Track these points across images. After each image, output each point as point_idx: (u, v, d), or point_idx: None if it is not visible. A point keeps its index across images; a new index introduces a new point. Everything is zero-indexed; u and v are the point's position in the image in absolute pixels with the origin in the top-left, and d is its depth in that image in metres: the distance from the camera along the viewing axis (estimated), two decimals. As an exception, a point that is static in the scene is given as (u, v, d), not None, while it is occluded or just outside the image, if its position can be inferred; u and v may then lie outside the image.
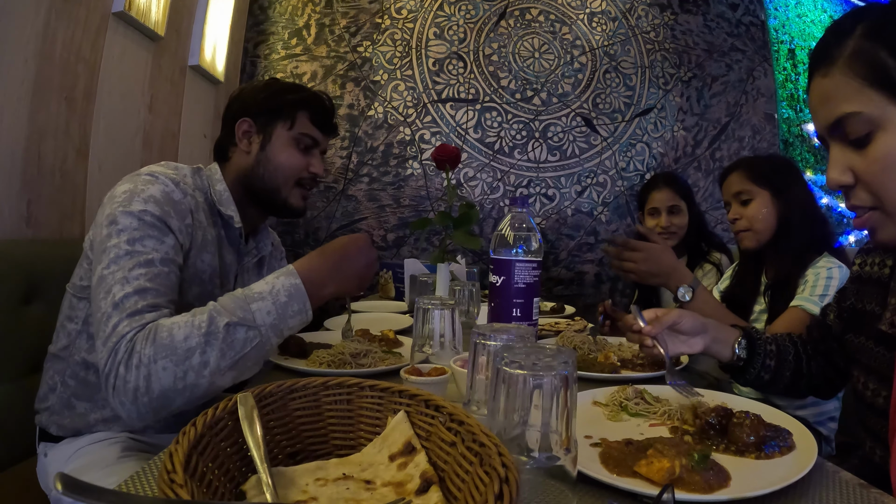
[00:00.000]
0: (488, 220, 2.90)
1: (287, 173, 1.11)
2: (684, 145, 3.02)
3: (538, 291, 0.97)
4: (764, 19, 3.13)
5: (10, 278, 1.15)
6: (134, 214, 0.88)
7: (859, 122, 0.66)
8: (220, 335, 0.77)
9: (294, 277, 0.84)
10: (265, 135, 1.11)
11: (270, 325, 0.81)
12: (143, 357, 0.76)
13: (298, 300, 0.83)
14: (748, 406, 0.81)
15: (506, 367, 0.50)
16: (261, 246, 1.20)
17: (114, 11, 1.75)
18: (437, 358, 0.91)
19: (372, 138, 2.88)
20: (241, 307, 0.80)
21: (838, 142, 0.70)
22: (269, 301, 0.81)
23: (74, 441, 1.01)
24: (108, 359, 0.77)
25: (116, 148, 1.84)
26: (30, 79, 1.44)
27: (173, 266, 0.90)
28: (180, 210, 0.94)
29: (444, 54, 2.93)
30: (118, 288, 0.82)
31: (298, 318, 0.84)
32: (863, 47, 0.65)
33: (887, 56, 0.64)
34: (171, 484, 0.38)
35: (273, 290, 0.83)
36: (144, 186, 0.92)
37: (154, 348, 0.76)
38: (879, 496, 0.59)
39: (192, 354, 0.76)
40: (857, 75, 0.65)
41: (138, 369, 0.76)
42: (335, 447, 0.56)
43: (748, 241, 1.42)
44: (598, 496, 0.58)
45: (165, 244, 0.89)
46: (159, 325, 0.79)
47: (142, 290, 0.82)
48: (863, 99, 0.65)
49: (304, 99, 1.12)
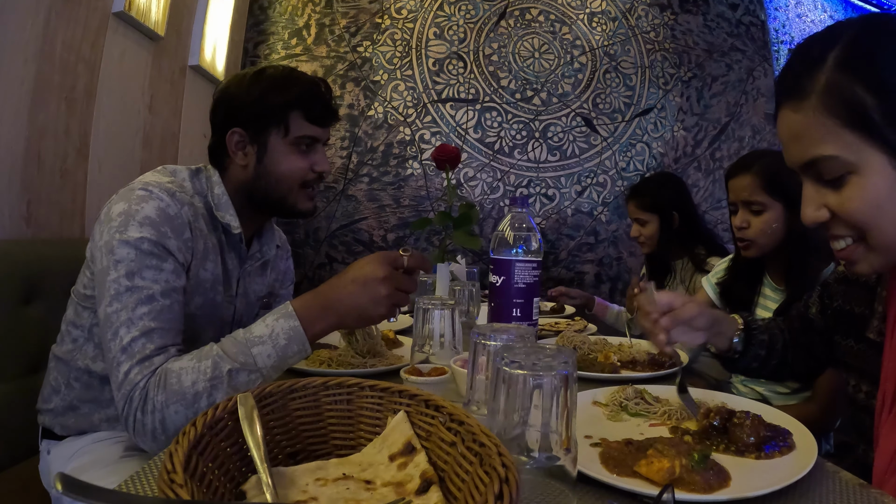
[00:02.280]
0: (488, 220, 2.90)
1: (291, 182, 1.04)
2: (684, 145, 3.02)
3: (538, 291, 0.97)
4: (764, 19, 3.13)
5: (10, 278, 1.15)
6: (131, 244, 0.87)
7: (834, 164, 0.63)
8: (224, 380, 0.81)
9: (293, 320, 0.84)
10: (259, 145, 1.03)
11: (271, 366, 0.83)
12: (156, 403, 0.80)
13: (297, 342, 0.84)
14: (748, 406, 0.81)
15: (506, 367, 0.50)
16: (265, 249, 1.15)
17: (114, 11, 1.75)
18: (437, 358, 0.91)
19: (372, 138, 2.88)
20: (242, 352, 0.82)
21: (811, 180, 0.67)
22: (270, 345, 0.83)
23: (77, 440, 1.01)
24: (125, 406, 0.81)
25: (116, 148, 1.84)
26: (30, 79, 1.44)
27: (175, 295, 0.89)
28: (177, 226, 0.92)
29: (444, 54, 2.93)
30: (124, 331, 0.83)
31: (298, 356, 0.86)
32: (837, 82, 0.62)
33: (864, 92, 0.60)
34: (171, 484, 0.38)
35: (273, 333, 0.84)
36: (139, 206, 0.89)
37: (165, 395, 0.80)
38: (879, 496, 0.59)
39: (199, 399, 0.80)
40: (831, 115, 0.62)
41: (153, 414, 0.80)
42: (335, 447, 0.56)
43: (751, 251, 1.36)
44: (598, 496, 0.58)
45: (165, 272, 0.88)
46: (168, 370, 0.82)
47: (148, 332, 0.84)
48: (838, 142, 0.62)
49: (295, 98, 1.02)
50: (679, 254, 1.94)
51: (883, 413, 0.74)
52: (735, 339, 0.94)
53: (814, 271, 1.29)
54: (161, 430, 0.80)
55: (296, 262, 2.80)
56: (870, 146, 0.62)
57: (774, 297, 1.40)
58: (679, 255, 1.94)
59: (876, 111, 0.60)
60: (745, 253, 1.40)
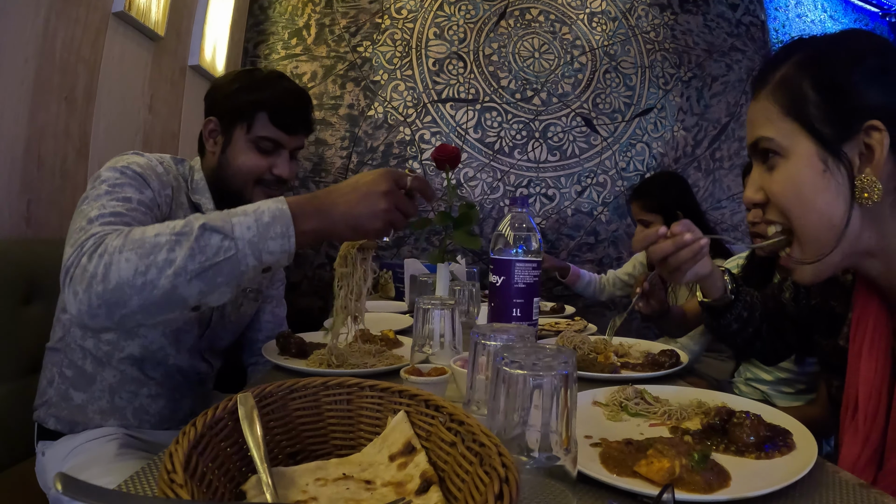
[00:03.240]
0: (488, 220, 2.90)
1: (245, 177, 1.07)
2: (684, 145, 3.02)
3: (538, 291, 0.97)
4: (764, 19, 3.13)
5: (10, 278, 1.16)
6: (117, 169, 0.93)
7: (770, 146, 0.71)
8: (192, 235, 0.72)
9: (282, 203, 0.77)
10: (226, 136, 1.08)
11: (248, 240, 0.74)
12: (108, 247, 0.73)
13: (282, 223, 0.75)
14: (748, 406, 0.81)
15: (506, 367, 0.50)
16: None
17: (114, 11, 1.75)
18: (437, 358, 0.91)
19: (372, 138, 2.88)
20: (221, 218, 0.76)
21: (758, 162, 0.75)
22: (252, 218, 0.75)
23: (72, 439, 1.02)
24: (73, 252, 0.75)
25: (116, 148, 1.84)
26: (30, 79, 1.44)
27: (150, 212, 0.92)
28: (162, 180, 0.99)
29: (444, 54, 2.93)
30: (95, 211, 0.82)
31: (279, 243, 0.75)
32: (790, 76, 0.70)
33: (809, 88, 0.68)
34: (171, 484, 0.38)
35: (258, 209, 0.76)
36: (130, 156, 0.98)
37: (123, 241, 0.73)
38: (879, 496, 0.59)
39: (158, 250, 0.71)
40: (776, 102, 0.70)
41: (101, 258, 0.72)
42: (335, 447, 0.56)
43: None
44: (598, 496, 0.58)
45: (144, 195, 0.93)
46: (135, 227, 0.77)
47: (117, 213, 0.84)
48: (776, 126, 0.70)
49: (264, 100, 1.06)
50: None
51: (846, 419, 0.75)
52: (728, 281, 0.97)
53: None
54: (101, 278, 0.71)
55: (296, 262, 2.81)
56: (802, 135, 0.68)
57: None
58: None
59: (815, 106, 0.68)
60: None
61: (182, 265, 0.71)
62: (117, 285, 0.71)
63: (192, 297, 0.73)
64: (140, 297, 0.71)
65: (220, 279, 0.73)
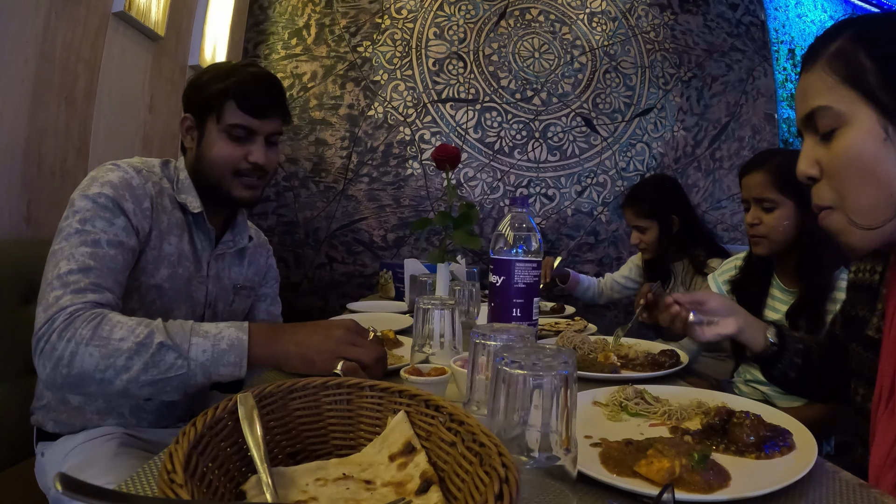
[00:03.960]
0: (488, 220, 2.90)
1: (221, 168, 1.07)
2: (684, 145, 3.02)
3: (538, 291, 0.97)
4: (764, 19, 3.13)
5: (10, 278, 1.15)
6: (89, 197, 0.93)
7: (828, 116, 0.70)
8: (150, 350, 0.79)
9: (242, 333, 0.83)
10: (200, 131, 1.08)
11: (201, 363, 0.81)
12: (77, 334, 0.79)
13: (237, 353, 0.82)
14: (748, 406, 0.81)
15: (506, 367, 0.50)
16: (237, 239, 1.19)
17: (114, 11, 1.75)
18: (437, 358, 0.91)
19: (372, 138, 2.88)
20: (181, 335, 0.81)
21: (811, 134, 0.73)
22: (210, 342, 0.81)
23: (71, 439, 1.02)
24: (45, 325, 0.80)
25: (116, 148, 1.84)
26: (30, 79, 1.44)
27: (121, 248, 0.93)
28: (137, 195, 0.98)
29: (444, 54, 2.93)
30: (64, 263, 0.86)
31: (230, 370, 0.82)
32: (845, 48, 0.69)
33: (865, 58, 0.68)
34: (171, 484, 0.38)
35: (218, 334, 0.82)
36: (105, 173, 0.97)
37: (92, 333, 0.79)
38: (879, 496, 0.59)
39: (119, 355, 0.78)
40: (833, 72, 0.69)
41: (69, 343, 0.78)
42: (335, 447, 0.56)
43: (762, 248, 1.37)
44: (598, 496, 0.58)
45: (115, 226, 0.93)
46: (108, 317, 0.82)
47: (85, 269, 0.86)
48: (835, 95, 0.69)
49: (229, 87, 1.05)
50: (678, 256, 1.94)
51: (879, 408, 0.75)
52: (769, 335, 0.95)
53: (826, 272, 1.29)
54: (66, 363, 0.78)
55: (296, 262, 2.83)
56: (862, 102, 0.68)
57: (784, 298, 1.39)
58: (678, 257, 1.94)
59: (873, 75, 0.67)
60: (755, 250, 1.40)
61: (135, 375, 0.79)
62: (79, 374, 0.79)
63: (143, 397, 0.83)
64: (98, 388, 0.80)
65: (168, 389, 0.81)
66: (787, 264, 1.38)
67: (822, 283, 1.29)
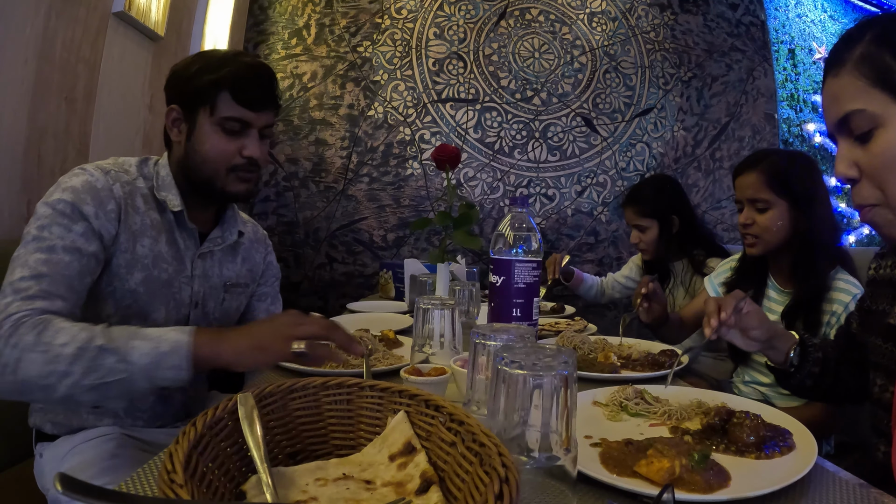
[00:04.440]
0: (488, 220, 2.90)
1: (215, 163, 1.03)
2: (684, 145, 3.02)
3: (538, 291, 0.97)
4: (764, 19, 3.13)
5: (10, 278, 1.15)
6: (49, 204, 0.92)
7: (863, 118, 0.70)
8: (90, 353, 0.77)
9: (186, 335, 0.81)
10: (189, 123, 1.03)
11: (142, 366, 0.78)
12: (22, 341, 0.78)
13: (178, 356, 0.79)
14: (748, 406, 0.81)
15: (506, 367, 0.50)
16: (226, 235, 1.14)
17: (114, 11, 1.75)
18: (437, 358, 0.91)
19: (372, 138, 2.88)
20: (123, 338, 0.80)
21: (845, 138, 0.74)
22: (151, 345, 0.79)
23: (69, 439, 1.01)
24: None
25: (116, 148, 1.84)
26: (30, 79, 1.44)
27: (78, 255, 0.91)
28: (101, 197, 0.95)
29: (444, 54, 2.93)
30: (18, 270, 0.85)
31: (173, 373, 0.80)
32: (870, 51, 0.70)
33: (892, 60, 0.68)
34: (171, 484, 0.38)
35: (160, 337, 0.80)
36: (69, 179, 0.95)
37: (35, 339, 0.78)
38: (879, 496, 0.59)
39: (60, 361, 0.77)
40: (863, 76, 0.70)
41: (13, 350, 0.77)
42: (335, 447, 0.56)
43: (756, 248, 1.36)
44: (598, 496, 0.58)
45: (73, 232, 0.91)
46: (52, 321, 0.80)
47: (38, 276, 0.85)
48: (867, 97, 0.70)
49: (224, 77, 1.00)
50: (678, 256, 1.94)
51: None
52: (791, 354, 0.99)
53: (820, 272, 1.29)
54: (11, 370, 0.77)
55: (296, 262, 2.82)
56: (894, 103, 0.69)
57: (779, 299, 1.40)
58: (678, 257, 1.94)
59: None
60: (749, 251, 1.40)
61: (77, 380, 0.77)
62: (24, 381, 0.78)
63: (88, 403, 0.82)
64: (43, 394, 0.79)
65: (111, 394, 0.79)
66: (782, 265, 1.38)
67: (816, 283, 1.29)
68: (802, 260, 1.31)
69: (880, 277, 0.93)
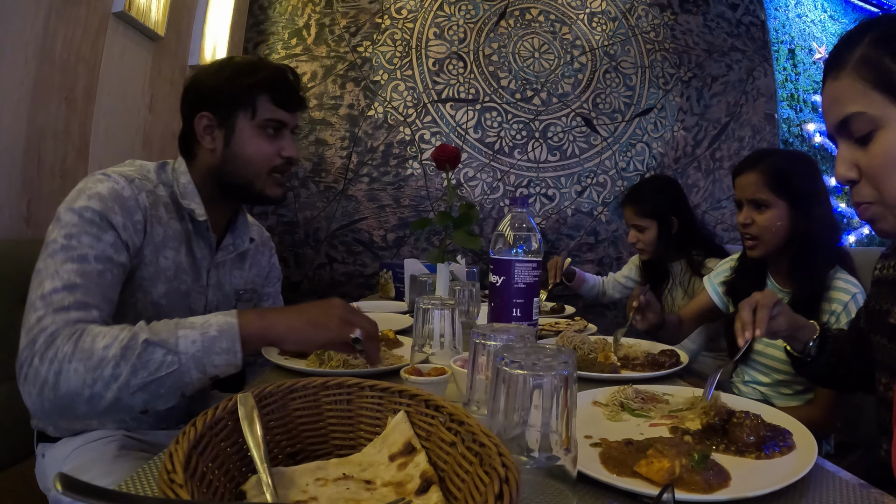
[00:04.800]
0: (488, 220, 2.90)
1: (258, 165, 1.04)
2: (684, 145, 3.02)
3: (538, 291, 0.97)
4: (764, 19, 3.13)
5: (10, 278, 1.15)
6: (75, 211, 0.88)
7: (863, 121, 0.71)
8: (136, 351, 0.74)
9: (231, 317, 0.80)
10: (227, 128, 1.03)
11: (192, 354, 0.76)
12: (59, 353, 0.75)
13: (228, 339, 0.78)
14: (748, 406, 0.81)
15: (506, 367, 0.50)
16: (237, 242, 1.14)
17: (114, 11, 1.75)
18: (437, 358, 0.91)
19: (372, 138, 2.88)
20: (167, 330, 0.77)
21: (845, 140, 0.74)
22: (198, 331, 0.77)
23: (71, 440, 1.01)
24: (26, 348, 0.77)
25: (116, 148, 1.84)
26: (30, 79, 1.44)
27: (110, 264, 0.88)
28: (127, 207, 0.92)
29: (444, 54, 2.93)
30: (48, 282, 0.81)
31: (224, 358, 0.78)
32: (870, 54, 0.70)
33: (891, 62, 0.69)
34: (171, 484, 0.38)
35: (206, 322, 0.79)
36: (93, 185, 0.92)
37: (73, 349, 0.75)
38: (879, 496, 0.59)
39: (105, 364, 0.74)
40: (862, 79, 0.70)
41: (52, 364, 0.74)
42: (335, 447, 0.56)
43: (756, 249, 1.36)
44: (598, 496, 0.58)
45: (103, 241, 0.88)
46: (88, 328, 0.78)
47: (70, 286, 0.81)
48: (867, 100, 0.70)
49: (262, 81, 1.02)
50: (677, 257, 1.94)
51: None
52: (811, 344, 1.02)
53: (819, 272, 1.29)
54: (52, 385, 0.74)
55: (296, 262, 2.82)
56: (894, 105, 0.69)
57: None
58: (677, 258, 1.94)
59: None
60: (749, 253, 1.39)
61: (126, 381, 0.74)
62: (66, 394, 0.74)
63: (138, 406, 0.77)
64: (88, 405, 0.75)
65: (163, 391, 0.77)
66: (781, 264, 1.38)
67: (815, 282, 1.29)
68: (802, 260, 1.31)
69: (885, 277, 0.94)
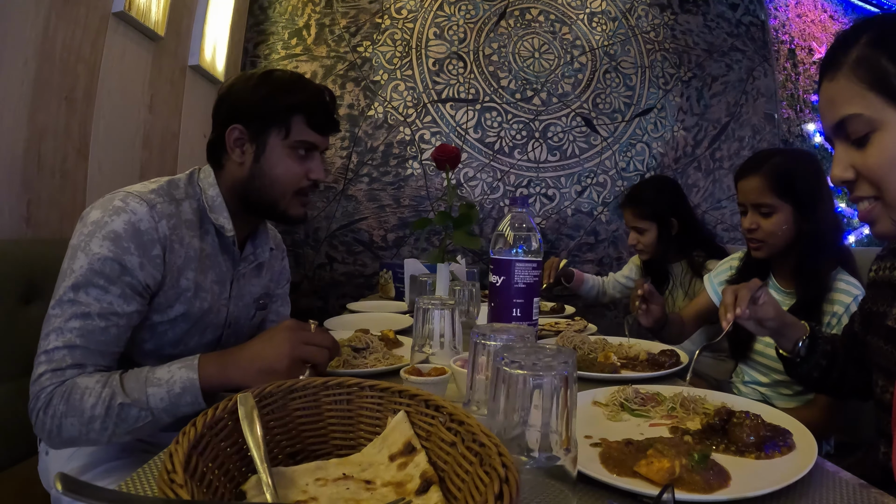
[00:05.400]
0: (488, 220, 2.90)
1: (285, 186, 1.03)
2: (684, 145, 3.02)
3: (538, 291, 0.97)
4: (764, 19, 3.13)
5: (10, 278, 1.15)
6: (88, 255, 0.88)
7: (860, 122, 0.70)
8: (115, 412, 0.84)
9: (193, 372, 0.85)
10: (258, 144, 1.02)
11: (163, 409, 0.85)
12: (56, 411, 0.84)
13: (191, 394, 0.85)
14: (748, 406, 0.81)
15: (506, 367, 0.50)
16: (258, 252, 1.14)
17: (114, 11, 1.75)
18: (437, 358, 0.91)
19: (372, 138, 2.88)
20: (138, 389, 0.85)
21: (842, 141, 0.74)
22: (164, 389, 0.85)
23: None
24: (32, 401, 0.87)
25: (116, 148, 1.84)
26: (30, 79, 1.44)
27: (115, 318, 0.89)
28: (144, 243, 0.91)
29: (444, 54, 2.93)
30: (53, 337, 0.87)
31: (192, 407, 0.86)
32: (866, 55, 0.70)
33: (888, 63, 0.69)
34: (171, 484, 0.38)
35: (171, 379, 0.85)
36: (110, 217, 0.90)
37: (66, 407, 0.84)
38: (879, 496, 0.59)
39: (94, 421, 0.84)
40: (859, 80, 0.70)
41: (52, 419, 0.84)
42: (335, 447, 0.56)
43: (761, 252, 1.36)
44: (598, 496, 0.58)
45: (110, 294, 0.88)
46: (76, 385, 0.85)
47: (71, 347, 0.87)
48: (863, 102, 0.70)
49: (299, 102, 1.02)
50: (677, 258, 1.94)
51: None
52: (800, 344, 1.00)
53: (823, 274, 1.29)
54: (56, 434, 0.85)
55: (296, 262, 2.82)
56: (891, 107, 0.69)
57: (781, 300, 1.39)
58: (677, 259, 1.94)
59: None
60: (755, 255, 1.39)
61: (112, 432, 0.85)
62: (69, 440, 0.86)
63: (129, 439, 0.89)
64: (89, 444, 0.88)
65: (146, 432, 0.87)
66: (785, 266, 1.38)
67: (818, 283, 1.29)
68: (805, 261, 1.31)
69: (880, 279, 0.93)
